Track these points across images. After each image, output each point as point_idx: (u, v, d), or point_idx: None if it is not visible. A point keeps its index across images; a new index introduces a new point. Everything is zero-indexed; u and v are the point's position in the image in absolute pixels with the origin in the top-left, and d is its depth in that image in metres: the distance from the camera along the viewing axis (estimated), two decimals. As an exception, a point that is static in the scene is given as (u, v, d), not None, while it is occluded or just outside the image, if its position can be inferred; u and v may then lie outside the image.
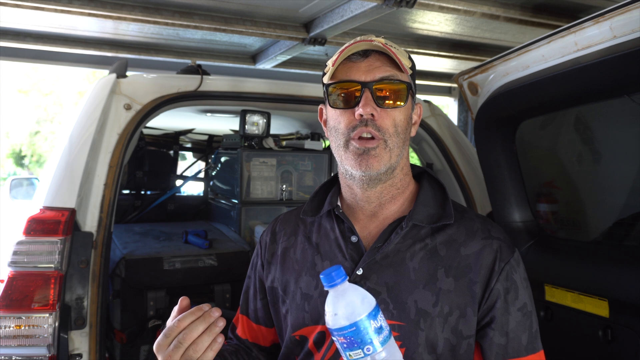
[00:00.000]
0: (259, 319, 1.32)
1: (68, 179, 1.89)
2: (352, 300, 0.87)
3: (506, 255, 1.12)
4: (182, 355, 0.95)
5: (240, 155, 2.97)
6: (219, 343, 0.97)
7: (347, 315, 0.85)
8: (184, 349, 0.95)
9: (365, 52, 1.11)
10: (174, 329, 0.96)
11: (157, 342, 0.98)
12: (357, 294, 0.88)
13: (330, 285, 0.89)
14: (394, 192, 1.18)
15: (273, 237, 1.32)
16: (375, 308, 0.87)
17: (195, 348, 0.95)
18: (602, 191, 2.01)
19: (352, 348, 0.85)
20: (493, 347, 1.09)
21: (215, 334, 0.96)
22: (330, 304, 0.88)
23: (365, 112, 1.07)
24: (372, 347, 0.84)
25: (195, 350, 0.95)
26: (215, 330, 0.96)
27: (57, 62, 3.84)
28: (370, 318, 0.86)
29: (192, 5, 2.80)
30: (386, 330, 0.87)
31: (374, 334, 0.85)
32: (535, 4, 2.71)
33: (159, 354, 0.98)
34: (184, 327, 0.96)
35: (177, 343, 0.95)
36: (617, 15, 1.40)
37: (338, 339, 0.86)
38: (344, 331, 0.85)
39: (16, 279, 1.71)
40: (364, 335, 0.84)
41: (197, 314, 0.97)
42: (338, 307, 0.87)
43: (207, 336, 0.96)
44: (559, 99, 1.82)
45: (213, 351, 0.97)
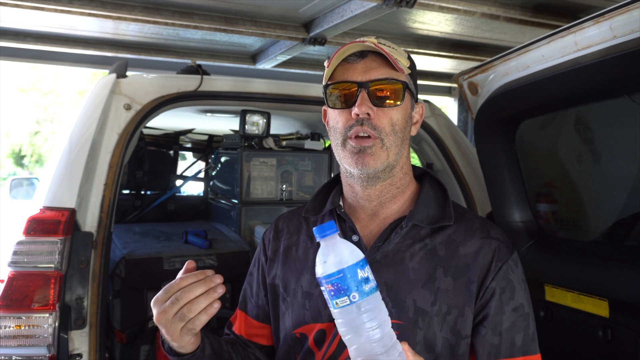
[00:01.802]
0: (260, 316, 1.32)
1: (68, 179, 1.89)
2: (342, 251, 0.91)
3: (504, 255, 1.13)
4: (177, 312, 0.97)
5: (240, 155, 2.97)
6: (215, 308, 0.99)
7: (336, 263, 0.89)
8: (180, 306, 0.97)
9: (362, 53, 1.13)
10: (174, 286, 0.99)
11: (156, 297, 1.00)
12: (346, 246, 0.92)
13: (322, 236, 0.92)
14: (394, 191, 1.19)
15: (276, 235, 1.33)
16: (363, 260, 0.91)
17: (191, 308, 0.97)
18: (602, 191, 2.01)
19: (339, 295, 0.88)
20: (485, 345, 1.09)
21: (213, 299, 0.98)
22: (320, 254, 0.92)
23: (361, 112, 1.09)
24: (358, 295, 0.87)
25: (190, 310, 0.97)
26: (214, 295, 0.98)
27: (57, 62, 3.84)
28: (358, 267, 0.89)
29: (192, 5, 2.80)
30: (373, 283, 0.90)
31: (361, 282, 0.88)
32: (535, 4, 2.71)
33: (154, 307, 1.00)
34: (183, 286, 0.98)
35: (174, 299, 0.97)
36: (617, 15, 1.40)
37: (326, 287, 0.89)
38: (331, 277, 0.88)
39: (16, 279, 1.71)
40: (350, 282, 0.87)
41: (199, 277, 0.99)
42: (328, 256, 0.90)
43: (205, 299, 0.98)
44: (559, 99, 1.82)
45: (207, 315, 0.98)
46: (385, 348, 0.88)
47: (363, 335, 0.88)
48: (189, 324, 0.98)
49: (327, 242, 0.92)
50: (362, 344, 0.88)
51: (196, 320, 0.98)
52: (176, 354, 1.10)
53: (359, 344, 0.88)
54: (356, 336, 0.88)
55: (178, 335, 1.00)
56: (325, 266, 0.89)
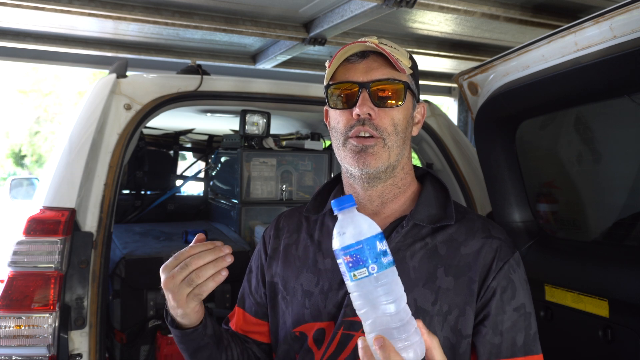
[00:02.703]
0: (259, 313, 1.32)
1: (68, 179, 1.89)
2: (360, 224, 0.90)
3: (505, 254, 1.13)
4: (185, 277, 1.01)
5: (240, 155, 2.97)
6: (222, 276, 1.02)
7: (355, 234, 0.88)
8: (189, 271, 1.01)
9: (364, 54, 1.12)
10: (184, 253, 1.03)
11: (165, 264, 1.04)
12: (364, 219, 0.91)
13: (340, 208, 0.91)
14: (396, 191, 1.19)
15: (276, 233, 1.33)
16: (380, 234, 0.90)
17: (199, 273, 1.00)
18: (602, 191, 2.01)
19: (358, 266, 0.87)
20: (486, 345, 1.09)
21: (221, 267, 1.02)
22: (338, 226, 0.91)
23: (362, 112, 1.09)
24: (377, 267, 0.87)
25: (198, 276, 1.00)
26: (222, 263, 1.02)
27: (57, 62, 3.84)
28: (377, 239, 0.88)
29: (192, 5, 2.80)
30: (390, 257, 0.90)
31: (379, 254, 0.87)
32: (535, 4, 2.71)
33: (163, 272, 1.03)
34: (193, 253, 1.02)
35: (183, 265, 1.01)
36: (617, 15, 1.40)
37: (344, 258, 0.88)
38: (350, 249, 0.87)
39: (16, 279, 1.71)
40: (370, 253, 0.87)
41: (209, 246, 1.03)
42: (346, 227, 0.89)
43: (213, 266, 1.01)
44: (559, 99, 1.82)
45: (215, 282, 1.02)
46: (402, 322, 0.87)
47: (379, 309, 0.87)
48: (197, 289, 1.01)
49: (345, 214, 0.91)
50: (377, 317, 0.87)
51: (203, 286, 1.01)
52: (178, 326, 1.12)
53: (375, 318, 0.87)
54: (372, 309, 0.87)
55: (184, 301, 1.03)
56: (343, 238, 0.89)
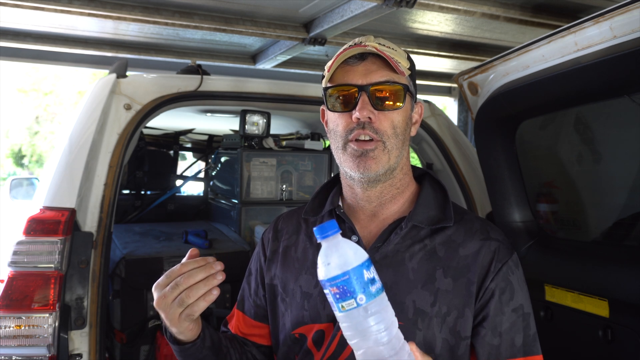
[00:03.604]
0: (258, 315, 1.31)
1: (68, 179, 1.89)
2: (345, 252, 0.87)
3: (503, 256, 1.13)
4: (176, 297, 0.99)
5: (240, 155, 2.97)
6: (214, 295, 1.00)
7: (340, 265, 0.85)
8: (179, 291, 0.99)
9: (362, 56, 1.12)
10: (175, 272, 1.01)
11: (157, 281, 1.03)
12: (349, 246, 0.88)
13: (323, 236, 0.88)
14: (394, 192, 1.19)
15: (275, 235, 1.32)
16: (368, 260, 0.87)
17: (189, 293, 0.99)
18: (602, 191, 2.01)
19: (345, 298, 0.84)
20: (485, 346, 1.09)
21: (212, 285, 1.00)
22: (323, 255, 0.88)
23: (362, 116, 1.08)
24: (365, 297, 0.84)
25: (188, 296, 0.99)
26: (213, 282, 1.00)
27: (57, 62, 3.84)
28: (364, 268, 0.86)
29: (192, 5, 2.80)
30: (378, 284, 0.87)
31: (367, 283, 0.85)
32: (535, 4, 2.71)
33: (155, 291, 1.03)
34: (184, 272, 1.00)
35: (174, 284, 1.00)
36: (617, 15, 1.40)
37: (330, 289, 0.86)
38: (336, 280, 0.85)
39: (16, 279, 1.71)
40: (356, 284, 0.84)
41: (200, 263, 1.02)
42: (331, 257, 0.87)
43: (204, 285, 1.00)
44: (559, 99, 1.82)
45: (206, 301, 1.00)
46: (394, 350, 0.85)
47: (370, 339, 0.84)
48: (188, 309, 1.00)
49: (329, 242, 0.88)
50: (369, 347, 0.85)
51: (194, 306, 1.00)
52: (177, 341, 1.11)
53: (367, 348, 0.85)
54: (363, 340, 0.85)
55: (177, 321, 1.02)
56: (329, 268, 0.86)
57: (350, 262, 0.86)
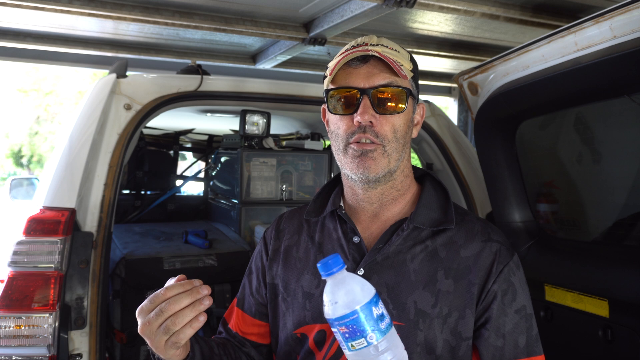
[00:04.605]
0: (258, 313, 1.31)
1: (68, 179, 1.89)
2: (352, 288, 0.83)
3: (505, 257, 1.13)
4: (161, 324, 0.93)
5: (240, 155, 2.97)
6: (200, 322, 0.94)
7: (348, 303, 0.81)
8: (164, 318, 0.93)
9: (365, 58, 1.11)
10: (159, 297, 0.94)
11: (141, 306, 0.96)
12: (356, 282, 0.85)
13: (328, 273, 0.85)
14: (395, 193, 1.19)
15: (277, 234, 1.32)
16: (375, 295, 0.84)
17: (175, 320, 0.92)
18: (602, 191, 2.01)
19: (355, 337, 0.81)
20: (489, 348, 1.09)
21: (199, 312, 0.94)
22: (329, 293, 0.84)
23: (363, 120, 1.08)
24: (375, 335, 0.81)
25: (174, 323, 0.92)
26: (200, 307, 0.94)
27: (57, 62, 3.84)
28: (372, 305, 0.82)
29: (192, 5, 2.80)
30: (387, 319, 0.84)
31: (377, 321, 0.82)
32: (535, 4, 2.71)
33: (139, 317, 0.96)
34: (169, 297, 0.94)
35: (158, 311, 0.93)
36: (617, 15, 1.40)
37: (339, 329, 0.82)
38: (345, 319, 0.81)
39: (16, 279, 1.71)
40: (366, 323, 0.81)
41: (186, 287, 0.95)
42: (338, 295, 0.83)
43: (190, 311, 0.93)
44: (559, 99, 1.82)
45: (192, 328, 0.94)
46: None
47: None
48: (173, 337, 0.94)
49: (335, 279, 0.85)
50: None
51: (180, 334, 0.93)
52: None
53: None
54: None
55: (163, 348, 0.96)
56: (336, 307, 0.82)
57: (358, 300, 0.82)
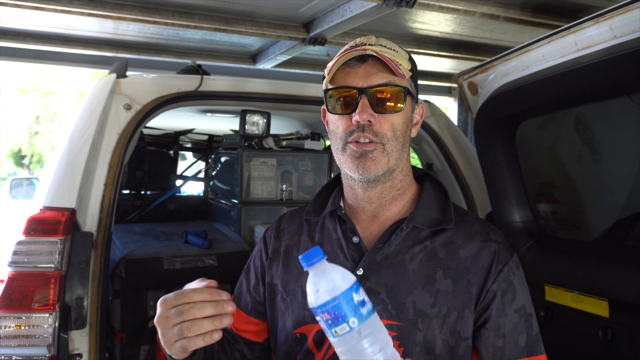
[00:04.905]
0: (254, 311, 1.31)
1: (68, 179, 1.89)
2: (333, 277, 0.87)
3: (504, 257, 1.13)
4: (177, 324, 0.93)
5: (240, 155, 2.97)
6: (214, 339, 0.93)
7: (330, 290, 0.85)
8: (182, 320, 0.92)
9: (363, 58, 1.11)
10: (185, 297, 0.93)
11: (166, 296, 0.96)
12: (337, 271, 0.88)
13: (309, 264, 0.88)
14: (395, 193, 1.19)
15: (277, 234, 1.33)
16: (356, 282, 0.87)
17: (191, 327, 0.92)
18: (602, 191, 2.01)
19: (337, 323, 0.84)
20: (490, 348, 1.09)
21: (216, 327, 0.92)
22: (311, 283, 0.88)
23: (362, 119, 1.09)
24: (357, 320, 0.84)
25: (189, 329, 0.92)
26: (218, 324, 0.92)
27: (57, 62, 3.84)
28: (352, 291, 0.85)
29: (192, 5, 2.80)
30: (369, 305, 0.87)
31: (358, 306, 0.85)
32: (535, 4, 2.71)
33: (160, 306, 0.95)
34: (194, 301, 0.93)
35: (179, 311, 0.92)
36: (617, 15, 1.40)
37: (322, 316, 0.85)
38: (327, 306, 0.84)
39: (16, 279, 1.71)
40: (348, 308, 0.84)
41: (214, 297, 0.94)
42: (320, 284, 0.86)
43: (208, 324, 0.92)
44: (559, 99, 1.82)
45: (204, 342, 0.93)
46: None
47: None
48: (184, 341, 0.93)
49: (316, 269, 0.88)
50: None
51: (191, 342, 0.92)
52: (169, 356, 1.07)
53: None
54: None
55: (170, 345, 0.96)
56: (318, 295, 0.85)
57: (339, 287, 0.85)
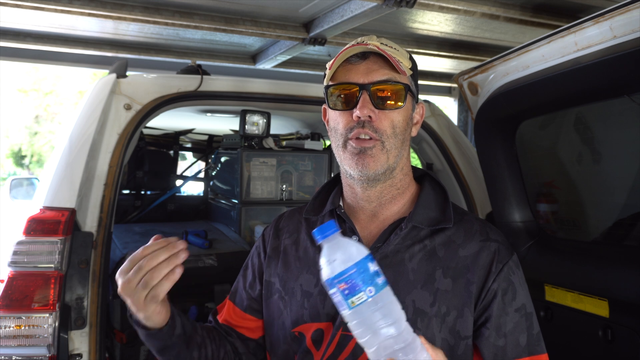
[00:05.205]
0: (250, 308, 1.31)
1: (68, 179, 1.89)
2: (348, 248, 0.87)
3: (504, 257, 1.13)
4: (140, 280, 0.99)
5: (240, 155, 2.97)
6: (177, 273, 1.00)
7: (345, 260, 0.85)
8: (142, 274, 0.99)
9: (364, 54, 1.12)
10: (138, 255, 1.01)
11: (121, 267, 1.02)
12: (350, 243, 0.88)
13: (323, 236, 0.89)
14: (394, 192, 1.19)
15: (276, 233, 1.33)
16: (370, 255, 0.88)
17: (153, 274, 0.98)
18: (602, 191, 2.01)
19: (354, 292, 0.83)
20: (490, 347, 1.09)
21: (175, 264, 1.00)
22: (326, 255, 0.87)
23: (362, 114, 1.09)
24: (374, 289, 0.84)
25: (152, 277, 0.99)
26: (175, 260, 1.00)
27: (57, 62, 3.84)
28: (368, 261, 0.86)
29: (192, 5, 2.80)
30: (382, 277, 0.87)
31: (374, 275, 0.85)
32: (535, 4, 2.71)
33: (119, 278, 1.02)
34: (146, 254, 1.00)
35: (137, 268, 0.99)
36: (617, 15, 1.40)
37: (339, 287, 0.84)
38: (343, 275, 0.84)
39: (16, 279, 1.71)
40: (365, 276, 0.84)
41: (162, 244, 1.01)
42: (335, 255, 0.86)
43: (166, 264, 0.99)
44: (559, 99, 1.82)
45: (169, 281, 1.00)
46: (406, 343, 0.84)
47: (381, 333, 0.83)
48: (152, 291, 1.00)
49: (330, 242, 0.88)
50: (381, 342, 0.83)
51: (158, 288, 0.99)
52: (144, 327, 1.10)
53: (378, 344, 0.84)
54: (374, 336, 0.84)
55: (142, 304, 1.02)
56: (333, 265, 0.85)
57: (354, 257, 0.85)
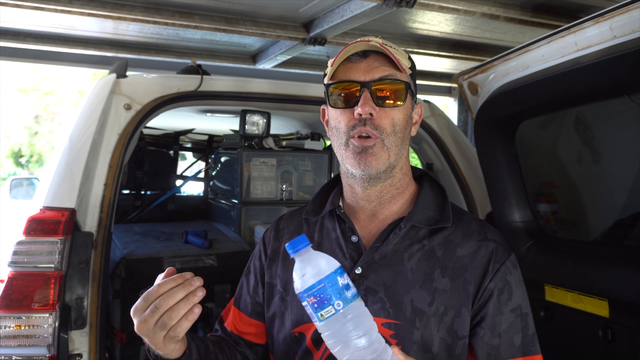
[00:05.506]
0: (255, 313, 1.31)
1: (68, 179, 1.89)
2: (318, 262, 0.91)
3: (501, 256, 1.13)
4: (157, 321, 0.94)
5: (240, 155, 2.97)
6: (195, 313, 0.95)
7: (315, 274, 0.89)
8: (160, 314, 0.94)
9: (365, 53, 1.12)
10: (153, 294, 0.96)
11: (135, 306, 0.97)
12: (322, 257, 0.92)
13: (295, 251, 0.92)
14: (394, 191, 1.19)
15: (276, 235, 1.33)
16: (340, 268, 0.91)
17: (171, 315, 0.94)
18: (602, 191, 2.01)
19: (323, 306, 0.87)
20: (485, 347, 1.09)
21: (193, 303, 0.95)
22: (297, 269, 0.91)
23: (364, 112, 1.09)
24: (342, 302, 0.87)
25: (170, 317, 0.94)
26: (193, 299, 0.95)
27: (57, 62, 3.84)
28: (337, 275, 0.89)
29: (192, 5, 2.80)
30: (353, 289, 0.90)
31: (342, 289, 0.88)
32: (535, 4, 2.71)
33: (134, 316, 0.97)
34: (162, 293, 0.95)
35: (153, 308, 0.94)
36: (617, 15, 1.40)
37: (309, 300, 0.88)
38: (313, 289, 0.88)
39: (16, 279, 1.71)
40: (333, 291, 0.88)
41: (178, 281, 0.96)
42: (305, 270, 0.90)
43: (184, 304, 0.94)
44: (559, 99, 1.82)
45: (188, 321, 0.95)
46: (376, 353, 0.88)
47: (352, 345, 0.87)
48: (171, 331, 0.95)
49: (302, 256, 0.92)
50: (352, 353, 0.87)
51: (177, 328, 0.95)
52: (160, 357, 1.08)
53: (349, 354, 0.88)
54: (345, 347, 0.88)
55: (162, 344, 0.98)
56: (304, 279, 0.89)
57: (323, 271, 0.89)
